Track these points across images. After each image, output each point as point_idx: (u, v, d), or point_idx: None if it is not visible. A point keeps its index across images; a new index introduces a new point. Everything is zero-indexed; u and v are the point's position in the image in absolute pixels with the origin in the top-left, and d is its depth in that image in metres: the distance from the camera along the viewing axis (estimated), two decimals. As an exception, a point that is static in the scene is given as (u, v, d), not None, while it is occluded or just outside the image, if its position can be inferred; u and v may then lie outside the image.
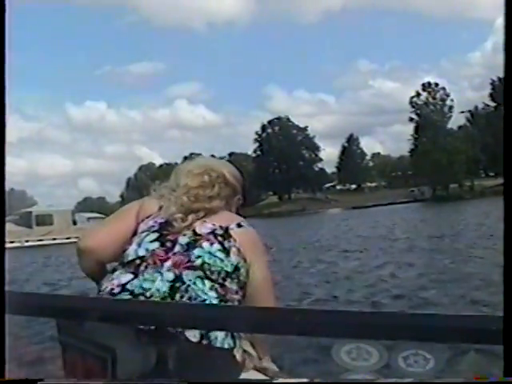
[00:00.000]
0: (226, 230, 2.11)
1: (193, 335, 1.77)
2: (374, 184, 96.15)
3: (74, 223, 41.61)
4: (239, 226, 2.16)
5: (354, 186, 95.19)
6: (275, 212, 73.50)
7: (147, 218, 2.15)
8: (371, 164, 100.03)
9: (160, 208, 2.17)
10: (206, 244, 2.05)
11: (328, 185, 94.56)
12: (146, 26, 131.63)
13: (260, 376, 2.10)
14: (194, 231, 2.08)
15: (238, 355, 1.89)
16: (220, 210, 2.23)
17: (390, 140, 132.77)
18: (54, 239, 38.53)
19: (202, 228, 2.10)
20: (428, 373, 0.89)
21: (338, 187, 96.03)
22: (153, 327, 1.69)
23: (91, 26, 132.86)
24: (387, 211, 48.98)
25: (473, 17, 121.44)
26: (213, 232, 2.09)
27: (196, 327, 1.45)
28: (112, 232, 2.17)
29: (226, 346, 1.85)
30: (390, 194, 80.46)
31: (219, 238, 2.08)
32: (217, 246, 2.05)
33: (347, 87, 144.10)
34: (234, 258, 2.06)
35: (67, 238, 38.45)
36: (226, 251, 2.05)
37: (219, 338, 1.83)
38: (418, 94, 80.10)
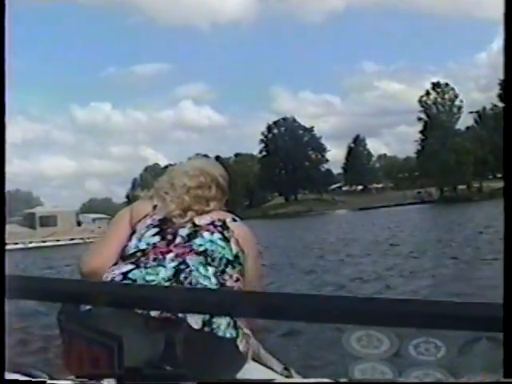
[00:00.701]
0: (224, 222, 2.19)
1: (195, 322, 1.78)
2: (380, 185, 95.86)
3: (79, 224, 41.54)
4: (234, 220, 2.24)
5: (360, 187, 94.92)
6: (281, 213, 73.35)
7: (143, 218, 2.19)
8: (378, 165, 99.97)
9: (154, 207, 2.23)
10: (206, 234, 2.12)
11: (334, 186, 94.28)
12: (150, 27, 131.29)
13: (259, 367, 2.09)
14: (193, 223, 2.16)
15: (242, 346, 1.91)
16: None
17: (395, 141, 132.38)
18: (58, 240, 38.29)
19: (202, 220, 2.18)
20: (439, 361, 0.88)
21: (345, 188, 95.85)
22: (157, 314, 1.71)
23: (95, 27, 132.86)
24: (393, 213, 48.74)
25: (478, 17, 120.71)
26: (212, 223, 2.17)
27: (203, 312, 1.42)
28: (111, 247, 2.17)
29: (228, 336, 1.86)
30: (396, 195, 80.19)
31: (219, 228, 2.15)
32: (217, 234, 2.13)
33: (353, 88, 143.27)
34: (234, 247, 2.12)
35: (71, 240, 38.34)
36: (227, 240, 2.12)
37: (222, 326, 1.84)
38: (428, 94, 79.52)
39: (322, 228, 34.06)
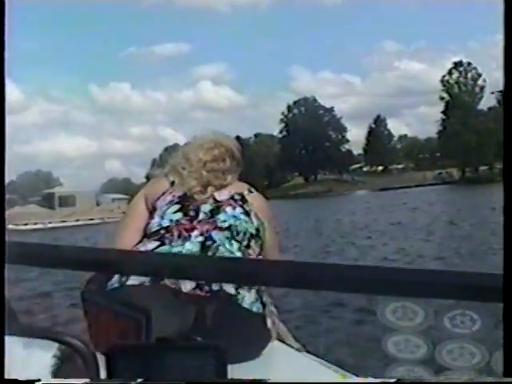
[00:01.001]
0: (242, 195, 2.22)
1: (229, 288, 1.85)
2: (401, 166, 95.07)
3: (98, 204, 41.74)
4: (250, 191, 2.27)
5: (380, 168, 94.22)
6: (301, 193, 73.13)
7: (162, 195, 2.21)
8: (398, 146, 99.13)
9: (172, 184, 2.25)
10: (229, 209, 2.15)
11: (354, 166, 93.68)
12: (170, 7, 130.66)
13: (283, 346, 2.13)
14: (214, 199, 2.18)
15: (269, 322, 1.97)
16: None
17: (416, 122, 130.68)
18: (77, 220, 38.46)
19: (221, 195, 2.20)
20: (474, 334, 0.86)
21: (365, 169, 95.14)
22: (186, 290, 1.79)
23: (115, 7, 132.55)
24: (413, 194, 48.40)
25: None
26: (232, 198, 2.20)
27: (234, 281, 1.48)
28: (130, 229, 2.19)
29: (255, 310, 1.90)
30: (417, 176, 79.58)
31: (239, 203, 2.18)
32: (239, 209, 2.16)
33: (373, 68, 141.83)
34: (255, 220, 2.17)
35: (90, 220, 38.53)
36: (248, 214, 2.16)
37: (247, 299, 1.89)
38: (450, 73, 78.49)
39: (338, 209, 33.91)
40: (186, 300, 1.80)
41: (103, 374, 0.87)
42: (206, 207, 2.14)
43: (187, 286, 1.82)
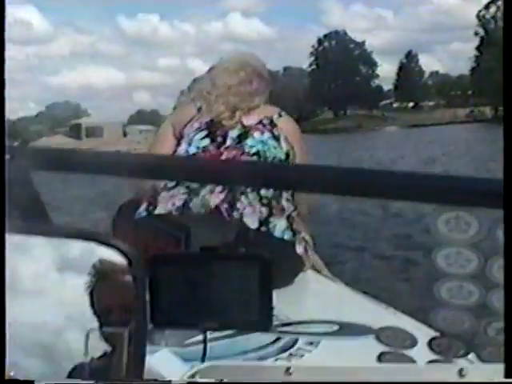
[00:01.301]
0: (271, 120, 2.17)
1: (251, 222, 1.85)
2: (432, 103, 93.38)
3: (125, 135, 41.75)
4: (280, 115, 2.21)
5: (411, 104, 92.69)
6: (330, 128, 72.40)
7: (189, 121, 2.17)
8: (430, 82, 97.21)
9: (199, 110, 2.20)
10: (257, 134, 2.10)
11: (384, 102, 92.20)
12: None
13: (316, 277, 2.13)
14: (242, 124, 2.14)
15: (300, 249, 1.96)
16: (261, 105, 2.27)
17: (448, 58, 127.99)
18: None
19: (249, 120, 2.16)
20: None
21: (395, 105, 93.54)
22: (216, 203, 1.82)
23: None
24: (444, 131, 47.75)
25: None
26: (260, 122, 2.15)
27: (267, 186, 1.47)
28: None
29: (286, 237, 1.91)
30: (448, 113, 78.27)
31: (268, 127, 2.14)
32: (267, 134, 2.11)
33: (406, 2, 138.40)
34: (284, 145, 2.12)
35: (117, 151, 38.61)
36: (277, 138, 2.11)
37: (278, 227, 1.88)
38: (487, 7, 76.05)
39: (364, 145, 33.49)
40: (216, 219, 1.81)
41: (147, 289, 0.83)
42: (234, 133, 2.10)
43: (215, 200, 1.84)
